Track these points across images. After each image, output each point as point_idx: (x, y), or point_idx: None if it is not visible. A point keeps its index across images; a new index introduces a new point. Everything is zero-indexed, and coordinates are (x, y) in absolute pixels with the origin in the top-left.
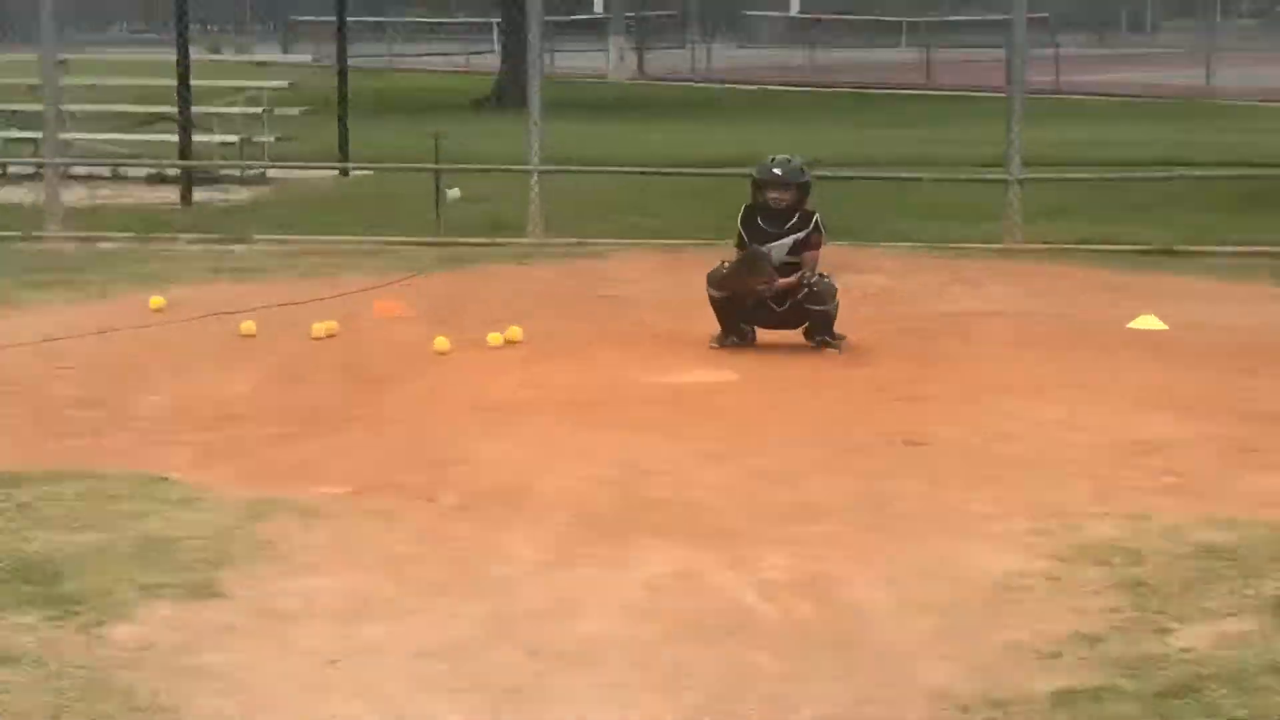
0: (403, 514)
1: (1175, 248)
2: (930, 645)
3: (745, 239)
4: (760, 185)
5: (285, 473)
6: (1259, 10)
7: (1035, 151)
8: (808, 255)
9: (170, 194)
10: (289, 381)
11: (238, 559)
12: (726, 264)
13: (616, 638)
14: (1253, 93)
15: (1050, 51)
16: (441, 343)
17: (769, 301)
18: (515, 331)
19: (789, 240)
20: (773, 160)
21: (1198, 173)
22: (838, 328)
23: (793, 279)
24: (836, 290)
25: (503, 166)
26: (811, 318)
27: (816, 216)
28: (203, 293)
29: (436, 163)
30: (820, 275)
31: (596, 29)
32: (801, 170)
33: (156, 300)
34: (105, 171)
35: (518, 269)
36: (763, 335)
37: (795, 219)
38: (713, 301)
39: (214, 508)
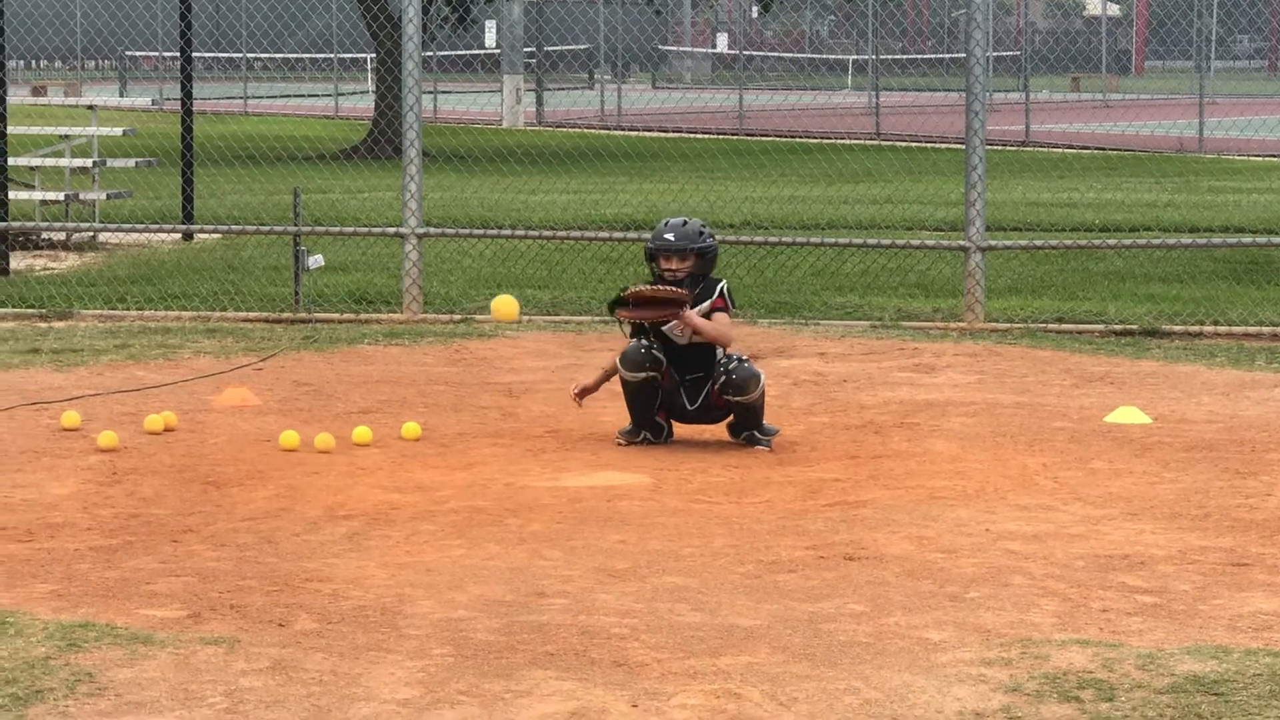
0: (248, 642)
1: (1160, 327)
2: None
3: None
4: (653, 256)
5: (109, 592)
6: (1257, 51)
7: (1000, 214)
8: (715, 316)
9: None
10: (116, 484)
11: (51, 695)
12: (644, 345)
13: None
14: (1249, 146)
15: (1019, 96)
16: (325, 439)
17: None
18: (412, 428)
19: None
20: (665, 224)
21: (1186, 240)
22: (769, 419)
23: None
24: (761, 377)
25: (374, 229)
26: (732, 410)
27: (722, 283)
28: (17, 378)
29: (296, 224)
30: (739, 359)
31: (488, 66)
32: (700, 233)
33: None
34: None
35: (390, 351)
36: (680, 430)
37: (699, 291)
38: (625, 387)
39: (24, 634)
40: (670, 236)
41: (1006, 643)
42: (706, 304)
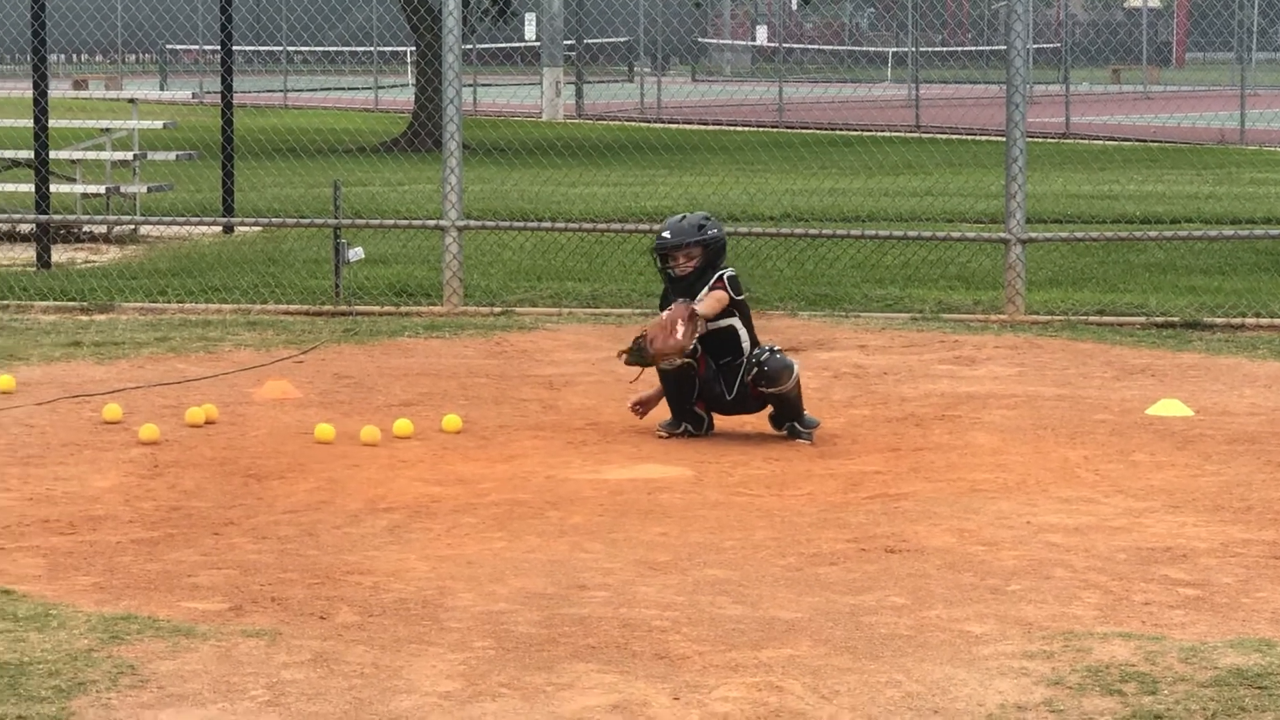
0: (289, 634)
1: (1201, 319)
2: None
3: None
4: (658, 257)
5: (151, 585)
6: None
7: (1041, 206)
8: (708, 296)
9: (24, 253)
10: (157, 476)
11: (94, 687)
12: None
13: None
14: None
15: (1060, 88)
16: (370, 432)
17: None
18: (453, 420)
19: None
20: (664, 223)
21: (1228, 231)
22: (809, 411)
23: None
24: (794, 368)
25: (415, 222)
26: (769, 401)
27: (723, 272)
28: (59, 371)
29: (336, 217)
30: (772, 350)
31: (528, 59)
32: (699, 227)
33: (4, 380)
34: None
35: (430, 343)
36: (721, 422)
37: (710, 285)
38: (663, 377)
39: (67, 626)
40: (666, 234)
41: (1048, 636)
42: (705, 290)
